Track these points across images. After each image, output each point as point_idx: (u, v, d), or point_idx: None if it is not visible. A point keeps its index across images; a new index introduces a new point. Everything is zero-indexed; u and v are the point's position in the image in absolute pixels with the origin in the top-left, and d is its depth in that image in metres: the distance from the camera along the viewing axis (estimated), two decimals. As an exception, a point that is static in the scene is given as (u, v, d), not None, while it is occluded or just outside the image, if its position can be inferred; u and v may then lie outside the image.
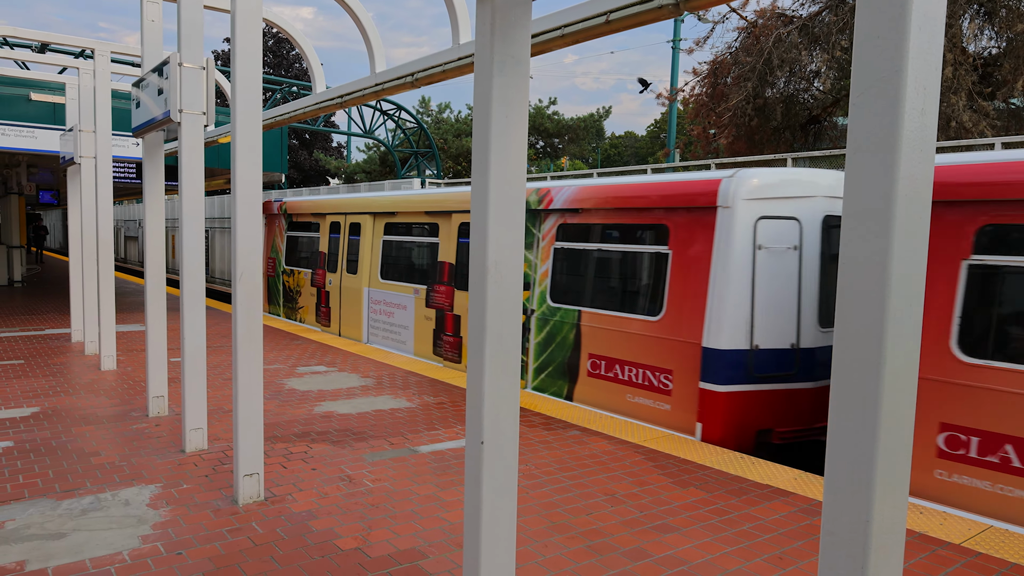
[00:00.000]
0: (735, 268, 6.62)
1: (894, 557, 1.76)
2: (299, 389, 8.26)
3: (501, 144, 2.75)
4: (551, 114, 40.48)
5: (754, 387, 6.71)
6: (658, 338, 7.19)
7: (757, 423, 6.77)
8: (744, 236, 6.65)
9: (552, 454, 6.01)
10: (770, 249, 6.74)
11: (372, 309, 12.16)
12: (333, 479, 5.30)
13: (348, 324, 12.69)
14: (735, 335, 6.61)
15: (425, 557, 4.07)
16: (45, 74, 14.15)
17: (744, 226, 6.65)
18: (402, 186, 14.05)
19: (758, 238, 6.69)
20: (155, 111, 6.04)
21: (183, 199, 5.71)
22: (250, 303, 4.75)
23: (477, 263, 2.81)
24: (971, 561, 4.17)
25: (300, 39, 9.05)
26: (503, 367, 2.85)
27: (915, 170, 1.64)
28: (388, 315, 11.70)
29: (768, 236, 6.75)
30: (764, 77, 16.34)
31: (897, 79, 1.61)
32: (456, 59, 6.01)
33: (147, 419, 6.78)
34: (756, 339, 6.67)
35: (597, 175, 12.45)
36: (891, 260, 1.64)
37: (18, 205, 21.45)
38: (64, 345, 10.80)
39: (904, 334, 1.68)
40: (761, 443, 6.84)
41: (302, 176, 46.56)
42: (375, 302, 12.06)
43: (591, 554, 4.15)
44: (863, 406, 1.69)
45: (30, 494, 4.84)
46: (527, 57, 2.81)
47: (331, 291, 13.24)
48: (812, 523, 4.70)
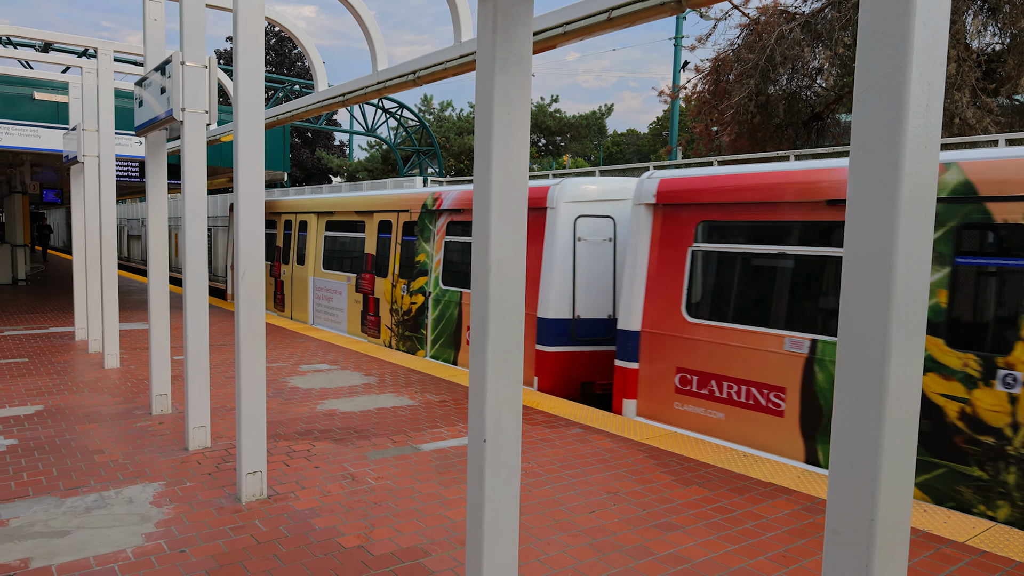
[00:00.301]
0: (560, 255, 8.48)
1: (899, 555, 1.75)
2: (302, 387, 8.27)
3: (503, 142, 2.75)
4: (553, 112, 40.45)
5: (577, 348, 8.60)
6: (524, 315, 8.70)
7: (581, 376, 8.64)
8: (566, 230, 8.52)
9: (555, 452, 6.01)
10: (588, 241, 8.63)
11: (316, 295, 13.96)
12: (336, 477, 5.31)
13: (298, 308, 14.61)
14: (560, 308, 8.47)
15: (428, 555, 4.07)
16: (48, 73, 14.18)
17: (566, 223, 8.52)
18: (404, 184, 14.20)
19: (578, 232, 8.56)
20: (158, 110, 6.05)
21: (185, 198, 5.71)
22: (253, 301, 4.75)
23: (479, 261, 2.80)
24: (975, 559, 4.16)
25: (302, 37, 9.04)
26: (505, 366, 2.85)
27: (920, 167, 1.64)
28: (328, 300, 13.48)
29: (586, 230, 8.62)
30: (766, 74, 16.31)
31: (901, 75, 1.60)
32: (458, 57, 6.00)
33: (150, 417, 6.79)
34: (578, 311, 8.56)
35: (599, 173, 12.52)
36: (895, 258, 1.63)
37: (22, 204, 21.49)
38: (68, 343, 10.82)
39: (908, 332, 1.68)
40: (586, 392, 8.70)
41: (304, 174, 46.59)
42: (319, 289, 13.84)
43: (593, 552, 4.15)
44: (867, 405, 1.69)
45: (34, 492, 4.85)
46: (529, 54, 2.80)
47: (285, 280, 15.21)
48: (815, 521, 4.69)
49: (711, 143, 19.43)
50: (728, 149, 18.20)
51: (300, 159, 45.98)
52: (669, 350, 7.15)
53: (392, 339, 11.59)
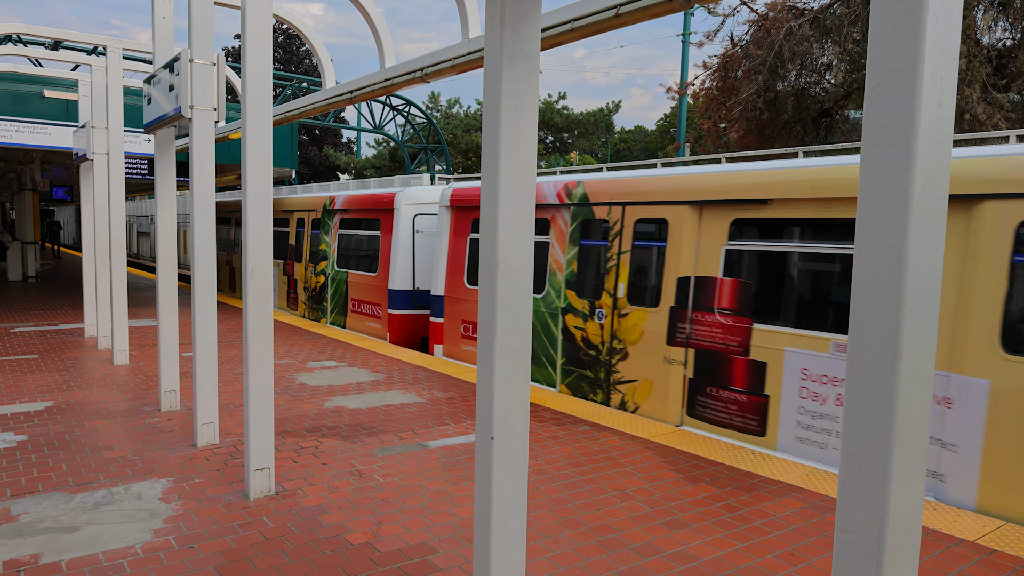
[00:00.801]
0: (403, 244, 11.82)
1: (910, 555, 1.74)
2: (309, 384, 8.28)
3: (511, 138, 2.74)
4: (560, 109, 40.38)
5: (416, 311, 11.94)
6: (375, 286, 12.39)
7: (420, 332, 11.95)
8: (407, 226, 11.85)
9: (562, 449, 6.01)
10: (423, 232, 11.90)
11: None
12: (343, 474, 5.32)
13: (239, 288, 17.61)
14: (404, 281, 11.83)
15: (435, 552, 4.07)
16: (58, 71, 14.23)
17: (407, 220, 11.85)
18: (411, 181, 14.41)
19: (416, 227, 11.89)
20: (166, 107, 6.06)
21: (194, 195, 5.73)
22: (260, 298, 4.76)
23: (487, 258, 2.80)
24: (986, 558, 4.14)
25: (310, 35, 9.05)
26: (514, 363, 2.84)
27: (932, 163, 1.62)
28: None
29: (422, 225, 11.91)
30: (775, 70, 16.23)
31: (913, 70, 1.58)
32: (465, 54, 5.99)
33: (159, 414, 6.82)
34: (417, 284, 11.87)
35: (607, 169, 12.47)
36: (907, 254, 1.61)
37: (32, 201, 21.60)
38: (78, 340, 10.88)
39: (921, 330, 1.66)
40: (424, 345, 11.79)
41: (312, 172, 46.67)
42: None
43: (601, 550, 4.14)
44: (878, 403, 1.67)
45: (44, 487, 4.88)
46: (537, 51, 2.79)
47: (236, 267, 18.40)
48: (824, 519, 4.67)
49: (719, 140, 19.36)
50: (736, 146, 18.13)
51: (308, 156, 46.04)
52: (457, 308, 10.22)
53: (305, 311, 14.95)
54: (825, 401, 5.90)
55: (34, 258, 21.20)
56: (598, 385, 8.08)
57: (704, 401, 6.87)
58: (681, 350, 7.11)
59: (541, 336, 8.87)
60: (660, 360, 7.31)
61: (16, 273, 20.71)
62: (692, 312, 7.03)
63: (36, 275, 21.35)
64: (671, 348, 7.20)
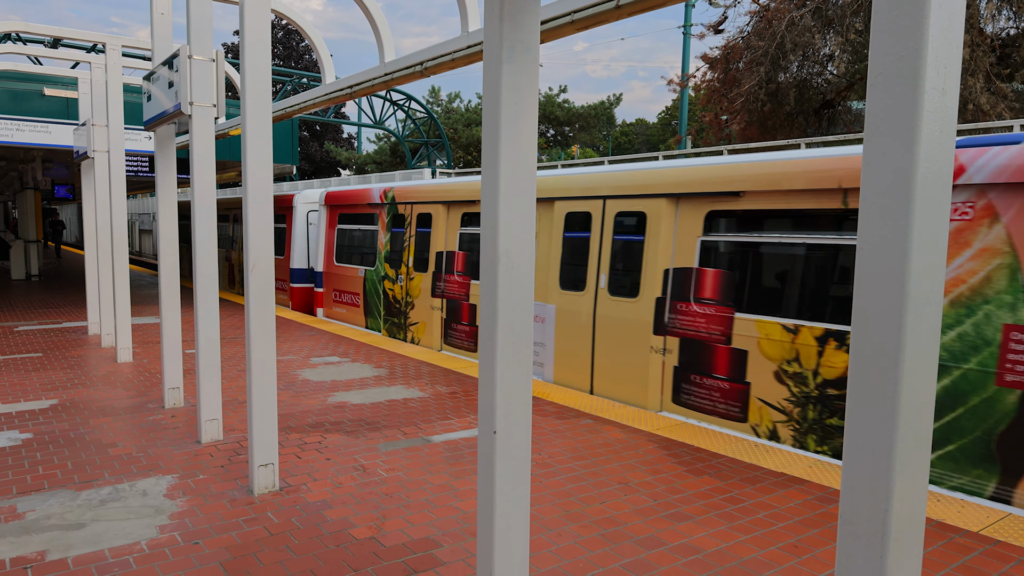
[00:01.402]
0: (300, 233, 14.99)
1: (913, 546, 1.73)
2: (313, 380, 8.29)
3: (511, 131, 2.73)
4: (561, 102, 40.30)
5: (310, 285, 15.03)
6: (281, 266, 15.41)
7: (315, 305, 14.29)
8: (303, 219, 15.00)
9: (565, 443, 6.01)
10: (314, 224, 14.94)
11: None
12: (347, 469, 5.33)
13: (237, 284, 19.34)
14: (301, 261, 15.03)
15: (439, 546, 4.08)
16: (58, 69, 14.20)
17: (302, 214, 15.02)
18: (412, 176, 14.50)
19: (309, 220, 15.04)
20: (166, 104, 6.05)
21: (195, 192, 5.72)
22: (262, 295, 4.76)
23: (488, 251, 2.79)
24: (990, 549, 4.13)
25: (309, 30, 9.02)
26: (515, 357, 2.83)
27: (935, 152, 1.61)
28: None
29: (313, 219, 15.00)
30: (777, 61, 16.18)
31: (917, 58, 1.57)
32: (465, 47, 5.97)
33: (163, 410, 6.84)
34: (311, 264, 15.00)
35: (608, 162, 12.49)
36: (911, 244, 1.60)
37: (34, 200, 21.62)
38: (81, 338, 10.90)
39: (924, 320, 1.65)
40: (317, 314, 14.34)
41: (313, 168, 46.63)
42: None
43: (605, 542, 4.15)
44: (882, 394, 1.67)
45: (50, 485, 4.89)
46: (536, 43, 2.77)
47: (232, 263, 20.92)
48: (828, 511, 4.67)
49: (721, 132, 19.31)
50: (738, 138, 18.08)
51: (309, 152, 46.01)
52: (331, 280, 13.64)
53: (238, 287, 18.32)
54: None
55: (37, 257, 21.23)
56: (401, 327, 11.62)
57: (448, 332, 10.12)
58: (439, 300, 10.64)
59: (373, 296, 12.38)
60: (429, 308, 10.86)
61: (19, 272, 20.74)
62: (444, 274, 10.55)
63: (39, 274, 21.38)
64: (433, 299, 10.75)
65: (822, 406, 5.88)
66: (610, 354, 7.74)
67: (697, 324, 6.88)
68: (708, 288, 6.83)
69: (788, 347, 6.11)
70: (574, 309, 8.14)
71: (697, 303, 6.89)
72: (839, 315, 5.83)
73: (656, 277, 7.24)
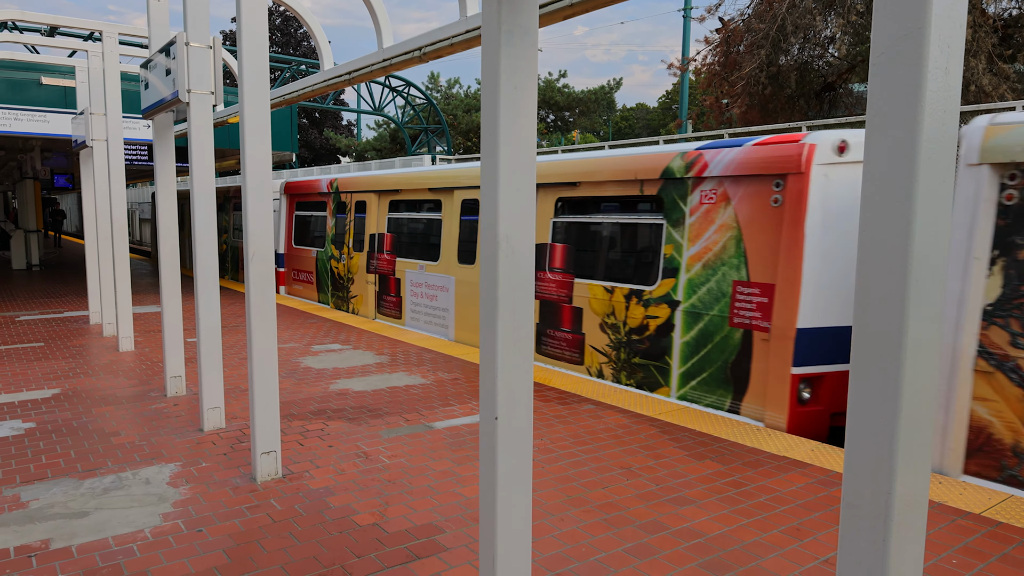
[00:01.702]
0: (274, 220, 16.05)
1: (916, 529, 1.73)
2: (314, 367, 8.30)
3: (510, 116, 2.71)
4: (561, 87, 40.10)
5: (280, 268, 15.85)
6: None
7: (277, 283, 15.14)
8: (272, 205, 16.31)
9: (567, 428, 6.02)
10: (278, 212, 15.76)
11: None
12: (350, 456, 5.34)
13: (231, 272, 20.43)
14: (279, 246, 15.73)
15: (442, 532, 4.09)
16: (55, 58, 14.13)
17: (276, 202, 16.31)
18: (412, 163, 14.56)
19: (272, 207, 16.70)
20: (164, 92, 6.02)
21: (194, 180, 5.70)
22: (263, 283, 4.75)
23: (488, 237, 2.77)
24: (992, 531, 4.14)
25: (307, 16, 8.96)
26: (516, 342, 2.83)
27: (939, 132, 1.59)
28: None
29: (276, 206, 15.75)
30: (778, 44, 16.07)
31: (920, 36, 1.54)
32: (464, 32, 5.92)
33: (165, 399, 6.85)
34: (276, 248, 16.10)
35: (608, 147, 12.54)
36: (914, 226, 1.59)
37: (34, 190, 21.57)
38: (83, 327, 10.91)
39: (926, 302, 1.64)
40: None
41: (313, 155, 46.50)
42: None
43: (607, 527, 4.16)
44: (884, 377, 1.66)
45: (53, 474, 4.91)
46: (535, 27, 2.75)
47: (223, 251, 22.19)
48: (830, 494, 4.68)
49: (722, 115, 19.22)
50: (739, 121, 18.00)
51: (308, 139, 45.85)
52: (289, 261, 15.18)
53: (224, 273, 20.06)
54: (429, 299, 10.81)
55: (38, 246, 21.21)
56: (344, 300, 13.08)
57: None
58: (373, 276, 12.15)
59: (323, 273, 13.83)
60: (365, 283, 12.39)
61: (20, 262, 20.74)
62: (376, 253, 12.02)
63: (40, 263, 21.38)
64: (368, 275, 12.27)
65: (629, 349, 7.55)
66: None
67: (549, 288, 8.54)
68: (557, 260, 8.48)
69: (607, 304, 7.81)
70: (468, 280, 10.01)
71: (550, 272, 8.53)
72: (637, 278, 7.59)
73: None
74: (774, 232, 6.24)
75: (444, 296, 10.39)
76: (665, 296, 7.15)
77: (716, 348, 6.66)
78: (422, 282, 10.84)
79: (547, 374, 7.95)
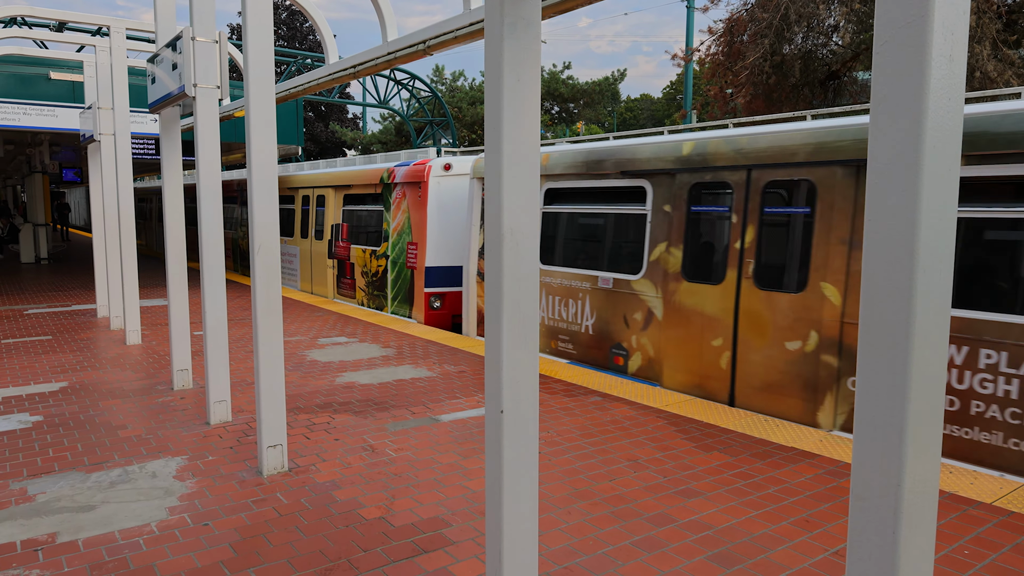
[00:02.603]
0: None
1: (926, 520, 1.71)
2: (320, 360, 8.32)
3: (514, 108, 2.69)
4: (565, 79, 39.91)
5: None
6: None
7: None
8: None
9: (574, 421, 6.01)
10: None
11: None
12: (356, 449, 5.35)
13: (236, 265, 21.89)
14: None
15: (448, 525, 4.10)
16: (64, 53, 14.15)
17: None
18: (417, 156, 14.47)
19: None
20: (170, 86, 6.02)
21: (200, 173, 5.71)
22: (268, 276, 4.75)
23: (492, 230, 2.76)
24: (1003, 520, 4.12)
25: (312, 10, 8.93)
26: (522, 335, 2.82)
27: (944, 120, 1.57)
28: None
29: None
30: (781, 33, 15.96)
31: (923, 24, 1.52)
32: (467, 24, 5.89)
33: (172, 392, 6.87)
34: None
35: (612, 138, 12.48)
36: (919, 215, 1.57)
37: (43, 184, 21.66)
38: (90, 320, 10.95)
39: (934, 293, 1.62)
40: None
41: (319, 148, 46.50)
42: None
43: (614, 520, 4.16)
44: (892, 367, 1.64)
45: (60, 467, 4.93)
46: (538, 18, 2.73)
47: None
48: (839, 485, 4.67)
49: (726, 105, 19.12)
50: (743, 111, 17.90)
51: (314, 133, 45.85)
52: None
53: None
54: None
55: (46, 240, 21.31)
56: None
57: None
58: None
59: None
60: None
61: (29, 255, 20.84)
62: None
63: (48, 257, 21.47)
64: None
65: (372, 286, 12.71)
66: (319, 271, 14.76)
67: (343, 252, 13.59)
68: (344, 233, 13.59)
69: (363, 259, 12.92)
70: (306, 249, 15.29)
71: (343, 241, 13.59)
72: (372, 242, 12.66)
73: (329, 228, 14.21)
74: (420, 213, 11.22)
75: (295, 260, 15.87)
76: (384, 252, 12.20)
77: (402, 281, 11.72)
78: (284, 251, 16.17)
79: (555, 366, 7.95)
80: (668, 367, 7.14)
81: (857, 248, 5.69)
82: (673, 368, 7.10)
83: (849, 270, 5.73)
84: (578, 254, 8.41)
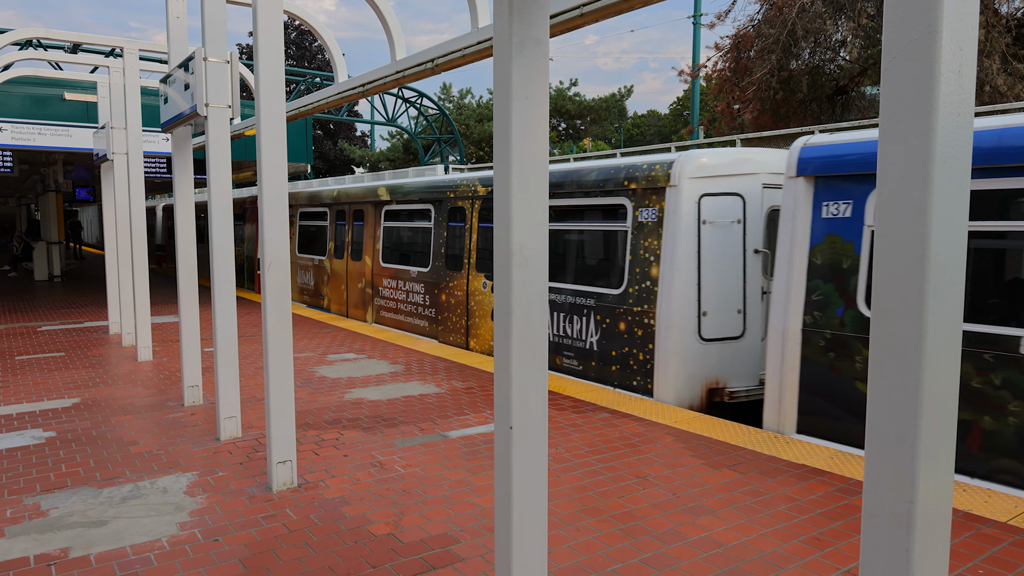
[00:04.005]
0: None
1: (940, 538, 1.70)
2: (329, 376, 8.33)
3: (522, 127, 2.71)
4: (572, 95, 40.14)
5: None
6: None
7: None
8: None
9: (582, 437, 6.00)
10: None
11: None
12: (365, 465, 5.35)
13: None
14: None
15: (457, 542, 4.08)
16: (78, 74, 14.38)
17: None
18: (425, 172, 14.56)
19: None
20: (182, 106, 6.09)
21: (211, 192, 5.76)
22: (278, 292, 4.78)
23: (501, 247, 2.78)
24: (1019, 539, 4.08)
25: (321, 30, 9.04)
26: (531, 352, 2.83)
27: (953, 136, 1.58)
28: None
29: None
30: (788, 49, 16.01)
31: (931, 40, 1.53)
32: (475, 43, 5.95)
33: (183, 408, 6.90)
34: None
35: (620, 155, 12.54)
36: (930, 231, 1.57)
37: (56, 202, 21.87)
38: (102, 337, 11.02)
39: (945, 309, 1.62)
40: None
41: (328, 166, 46.80)
42: None
43: (624, 537, 4.14)
44: (904, 384, 1.64)
45: (72, 483, 4.95)
46: (546, 37, 2.76)
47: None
48: (851, 503, 4.63)
49: (733, 121, 19.16)
50: (751, 126, 17.93)
51: (323, 151, 46.18)
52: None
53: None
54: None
55: (59, 258, 21.48)
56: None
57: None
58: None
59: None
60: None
61: (42, 273, 21.01)
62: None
63: (61, 274, 21.64)
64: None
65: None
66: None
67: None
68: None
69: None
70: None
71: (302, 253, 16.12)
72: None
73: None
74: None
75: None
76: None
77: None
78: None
79: (563, 382, 7.94)
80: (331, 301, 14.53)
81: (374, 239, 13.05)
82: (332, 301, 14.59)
83: (374, 249, 12.84)
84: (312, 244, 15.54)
